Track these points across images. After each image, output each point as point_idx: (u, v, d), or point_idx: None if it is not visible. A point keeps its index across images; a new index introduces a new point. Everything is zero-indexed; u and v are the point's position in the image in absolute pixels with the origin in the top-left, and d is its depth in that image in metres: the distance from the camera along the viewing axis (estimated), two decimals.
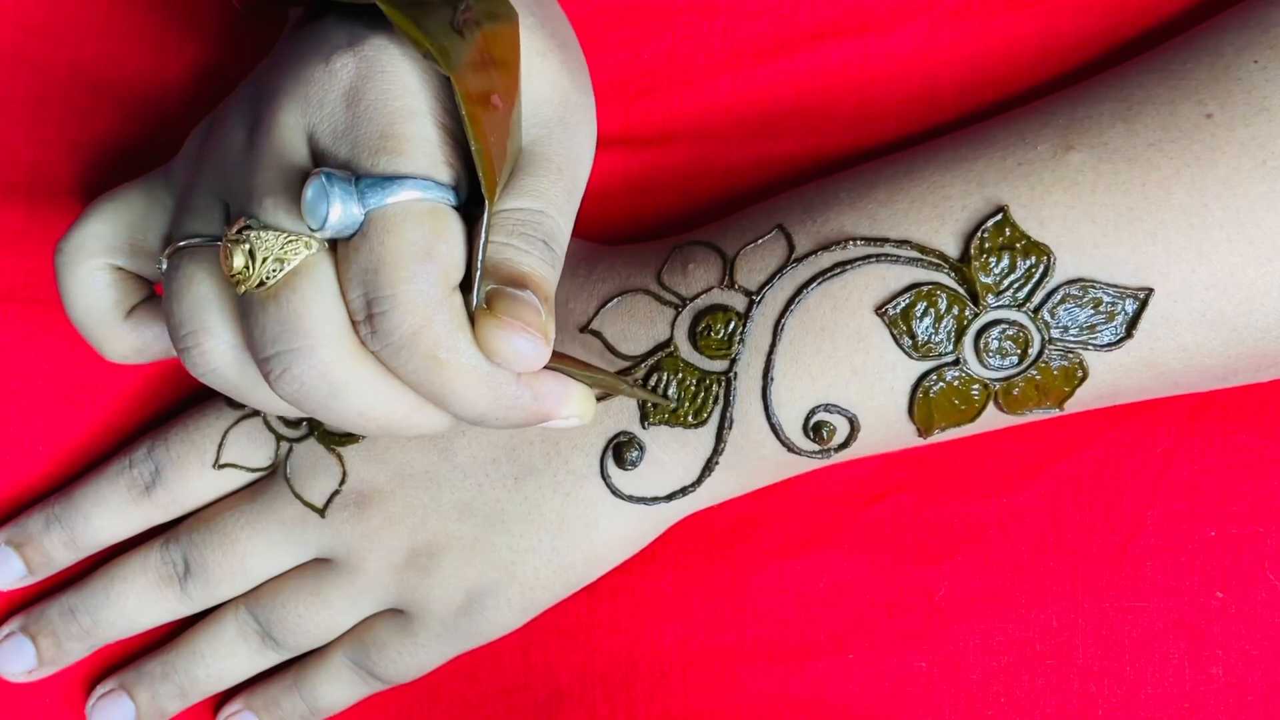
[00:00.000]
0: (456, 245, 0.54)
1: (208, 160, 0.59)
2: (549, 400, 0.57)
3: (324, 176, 0.52)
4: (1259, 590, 0.69)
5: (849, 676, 0.70)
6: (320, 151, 0.55)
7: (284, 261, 0.53)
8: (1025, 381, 0.63)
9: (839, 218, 0.64)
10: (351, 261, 0.53)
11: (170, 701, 0.71)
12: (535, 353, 0.54)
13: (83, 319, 0.63)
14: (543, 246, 0.56)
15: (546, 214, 0.57)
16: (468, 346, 0.54)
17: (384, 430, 0.57)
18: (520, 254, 0.55)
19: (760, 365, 0.64)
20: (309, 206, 0.53)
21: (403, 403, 0.56)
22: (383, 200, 0.53)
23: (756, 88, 0.71)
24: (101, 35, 0.73)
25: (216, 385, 0.58)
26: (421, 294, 0.53)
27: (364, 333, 0.54)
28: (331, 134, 0.55)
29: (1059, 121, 0.64)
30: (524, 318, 0.54)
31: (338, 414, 0.55)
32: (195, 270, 0.57)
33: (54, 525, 0.70)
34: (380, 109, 0.54)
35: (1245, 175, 0.61)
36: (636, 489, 0.65)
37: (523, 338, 0.53)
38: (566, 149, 0.59)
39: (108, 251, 0.63)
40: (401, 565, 0.67)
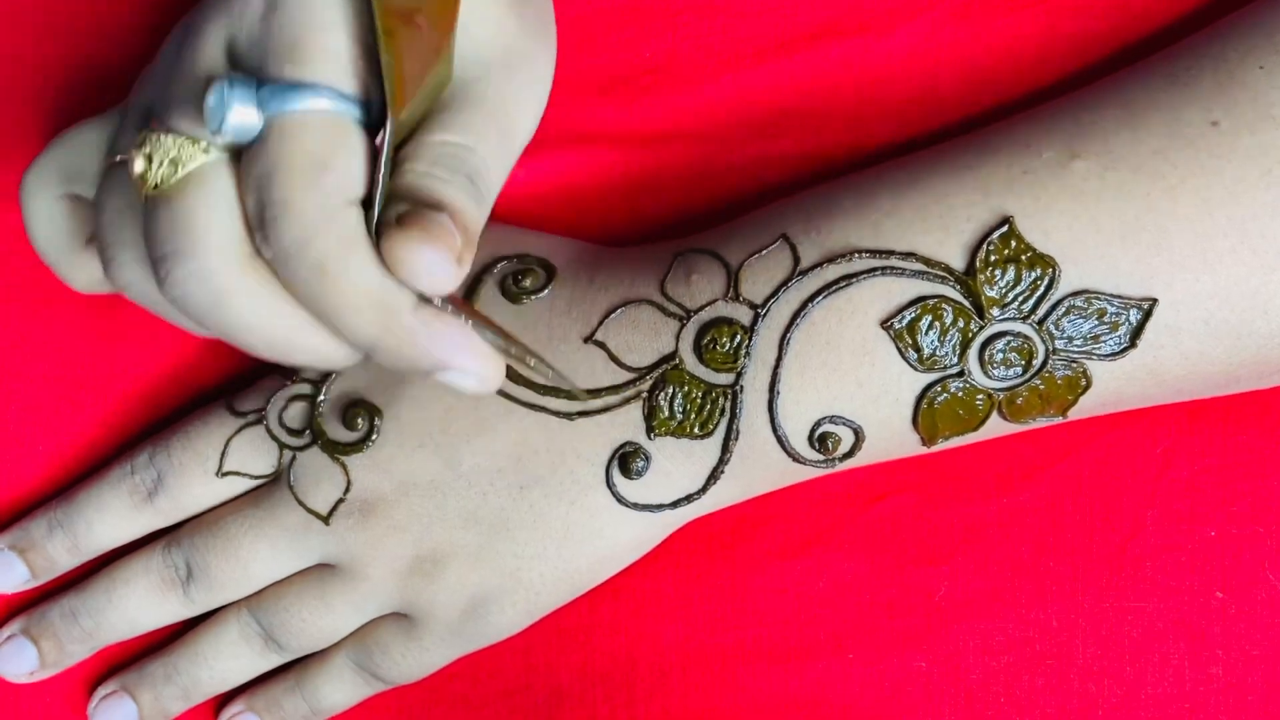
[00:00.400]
0: (356, 158, 0.53)
1: (145, 79, 0.59)
2: (446, 343, 0.54)
3: (226, 81, 0.52)
4: (1259, 590, 0.69)
5: (849, 677, 0.70)
6: (237, 60, 0.55)
7: (179, 164, 0.53)
8: (1029, 391, 0.63)
9: (843, 228, 0.64)
10: (249, 167, 0.53)
11: (173, 703, 0.71)
12: (444, 270, 0.51)
13: (44, 248, 0.63)
14: (465, 180, 0.55)
15: (474, 150, 0.56)
16: (359, 262, 0.52)
17: (271, 350, 0.55)
18: (440, 182, 0.54)
19: (766, 378, 0.64)
20: (209, 110, 0.52)
21: (290, 320, 0.54)
22: (282, 107, 0.52)
23: (757, 87, 0.71)
24: (101, 35, 0.72)
25: (134, 300, 0.57)
26: (314, 202, 0.52)
27: (257, 239, 0.53)
28: (247, 42, 0.54)
29: (1063, 127, 0.64)
30: (434, 234, 0.52)
31: (223, 324, 0.54)
32: (115, 184, 0.57)
33: (56, 530, 0.70)
34: (295, 19, 0.54)
35: (1250, 184, 0.61)
36: (642, 497, 0.66)
37: (431, 250, 0.51)
38: (504, 93, 0.58)
39: (66, 181, 0.62)
40: (406, 572, 0.67)
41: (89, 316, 0.71)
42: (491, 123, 0.57)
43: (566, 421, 0.65)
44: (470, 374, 0.54)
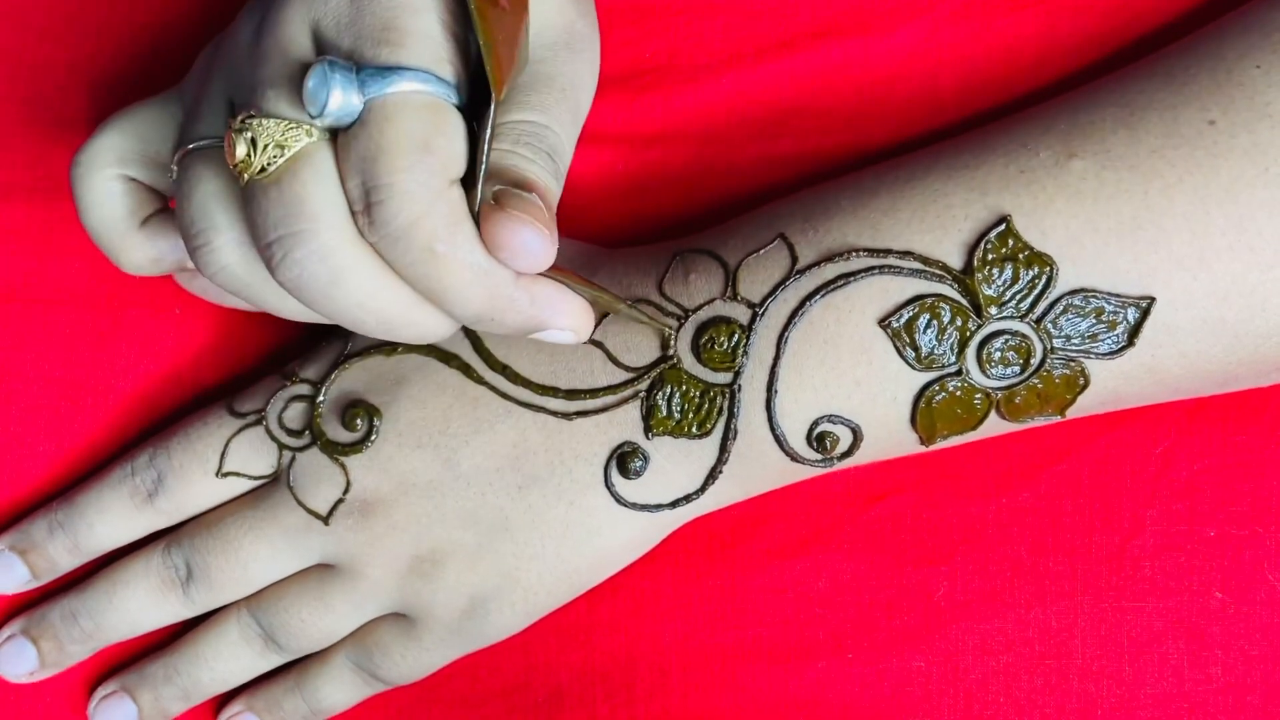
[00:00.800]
0: (456, 139, 0.54)
1: (217, 65, 0.60)
2: (546, 306, 0.57)
3: (326, 64, 0.53)
4: (1258, 590, 0.69)
5: (848, 676, 0.70)
6: (324, 44, 0.56)
7: (284, 148, 0.54)
8: (1027, 390, 0.63)
9: (841, 227, 0.64)
10: (350, 150, 0.54)
11: (173, 703, 0.72)
12: (542, 249, 0.54)
13: (98, 228, 0.64)
14: (546, 157, 0.57)
15: (551, 129, 0.58)
16: (466, 241, 0.54)
17: (381, 326, 0.57)
18: (526, 161, 0.56)
19: (764, 377, 0.64)
20: (310, 94, 0.53)
21: (402, 297, 0.56)
22: (382, 90, 0.54)
23: (757, 87, 0.71)
24: (101, 35, 0.72)
25: (227, 285, 0.58)
26: (419, 184, 0.53)
27: (362, 223, 0.54)
28: (335, 26, 0.55)
29: (1061, 127, 0.64)
30: (531, 214, 0.54)
31: (338, 303, 0.56)
32: (203, 169, 0.57)
33: (57, 531, 0.70)
34: (384, 2, 0.55)
35: (1248, 183, 0.61)
36: (640, 497, 0.66)
37: (530, 230, 0.54)
38: (571, 72, 0.60)
39: (121, 162, 0.63)
40: (405, 572, 0.67)
41: (89, 317, 0.72)
42: (564, 100, 0.59)
43: (565, 421, 0.65)
44: (567, 329, 0.58)
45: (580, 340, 0.60)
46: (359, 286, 0.55)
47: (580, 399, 0.65)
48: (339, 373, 0.67)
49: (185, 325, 0.72)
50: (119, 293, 0.71)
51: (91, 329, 0.72)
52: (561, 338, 0.59)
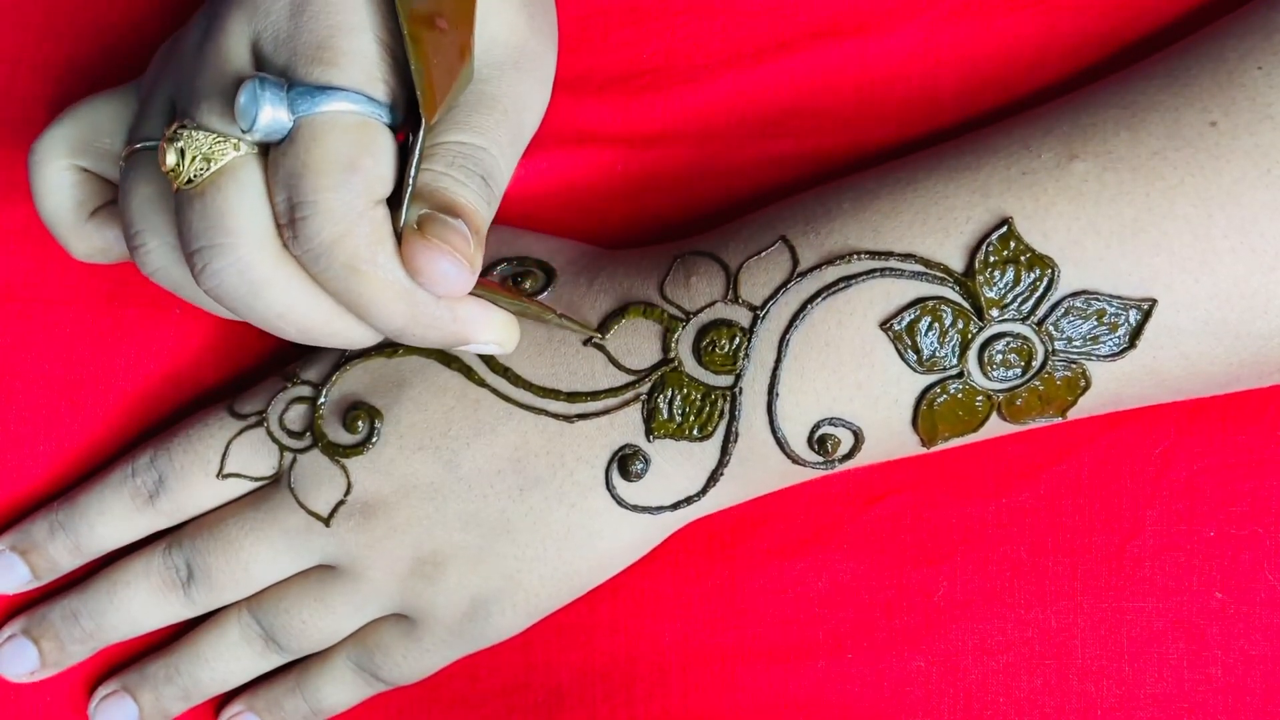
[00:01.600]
0: (384, 160, 0.55)
1: (167, 67, 0.61)
2: (468, 323, 0.58)
3: (257, 81, 0.54)
4: (1258, 590, 0.69)
5: (848, 676, 0.70)
6: (261, 58, 0.56)
7: (211, 160, 0.55)
8: (1028, 392, 0.63)
9: (843, 230, 0.64)
10: (278, 166, 0.55)
11: (173, 703, 0.72)
12: (459, 277, 0.55)
13: (49, 217, 0.65)
14: (480, 181, 0.58)
15: (488, 151, 0.58)
16: (387, 260, 0.55)
17: (304, 335, 0.58)
18: (457, 184, 0.57)
19: (765, 380, 0.64)
20: (241, 109, 0.54)
21: (323, 309, 0.57)
22: (312, 109, 0.54)
23: (756, 87, 0.71)
24: (101, 35, 0.72)
25: (163, 284, 0.60)
26: (343, 203, 0.54)
27: (286, 237, 0.55)
28: (273, 41, 0.56)
29: (1062, 129, 0.64)
30: (452, 242, 0.55)
31: (258, 313, 0.57)
32: (143, 171, 0.59)
33: (58, 532, 0.70)
34: (321, 20, 0.56)
35: (1250, 184, 0.61)
36: (641, 499, 0.66)
37: (448, 260, 0.55)
38: (515, 93, 0.60)
39: (74, 153, 0.64)
40: (406, 574, 0.67)
41: (89, 317, 0.72)
42: (505, 122, 0.59)
43: (566, 424, 0.65)
44: (490, 343, 0.59)
45: (506, 351, 0.61)
46: (278, 298, 0.56)
47: (582, 401, 0.65)
48: (340, 374, 0.67)
49: (185, 325, 0.72)
50: (119, 293, 0.71)
51: (91, 329, 0.72)
52: (485, 350, 0.60)
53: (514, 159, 0.60)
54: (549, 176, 0.71)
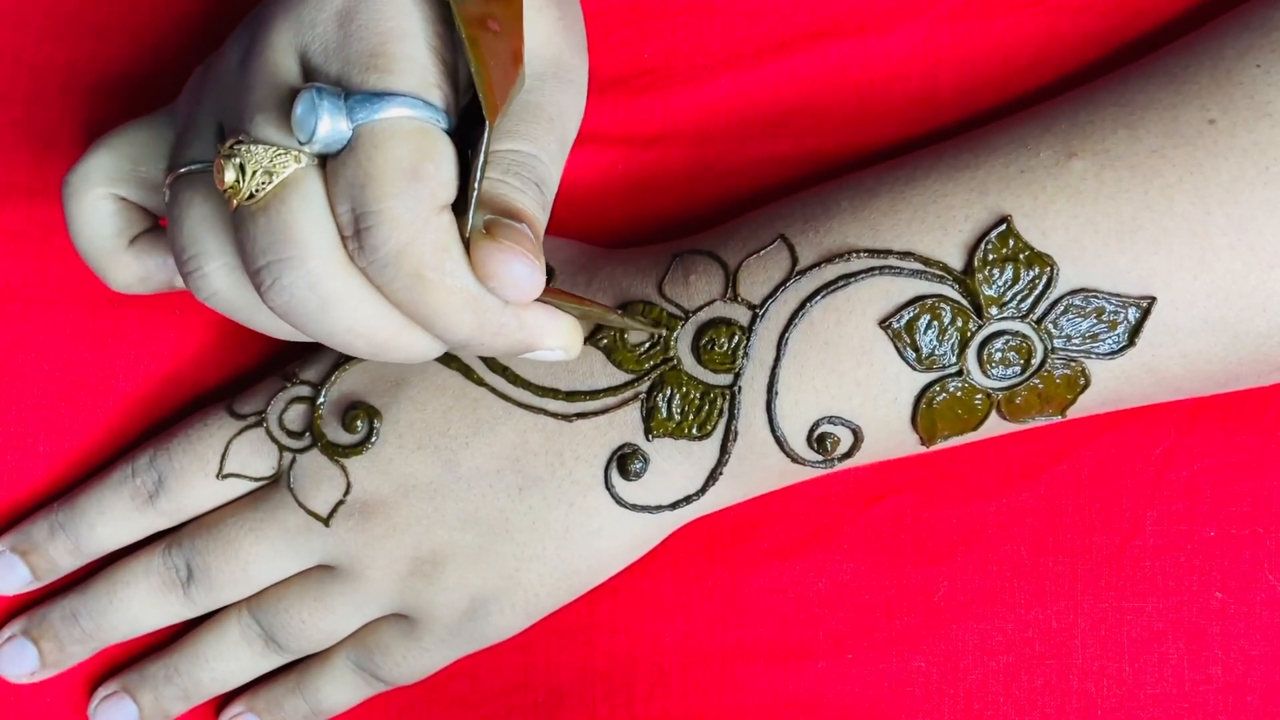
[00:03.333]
0: (446, 165, 0.54)
1: (206, 88, 0.60)
2: (535, 329, 0.57)
3: (314, 91, 0.53)
4: (1258, 590, 0.69)
5: (848, 677, 0.70)
6: (311, 70, 0.56)
7: (273, 174, 0.54)
8: (1028, 390, 0.63)
9: (842, 228, 0.64)
10: (340, 176, 0.54)
11: (173, 704, 0.72)
12: (531, 279, 0.54)
13: (87, 247, 0.64)
14: (535, 188, 0.57)
15: (539, 159, 0.58)
16: (455, 267, 0.54)
17: (372, 349, 0.57)
18: (516, 191, 0.56)
19: (764, 379, 0.64)
20: (298, 120, 0.53)
21: (391, 321, 0.56)
22: (371, 116, 0.54)
23: (756, 87, 0.71)
24: (101, 35, 0.73)
25: (220, 308, 0.58)
26: (408, 210, 0.53)
27: (351, 248, 0.54)
28: (323, 52, 0.55)
29: (1061, 127, 0.64)
30: (522, 245, 0.54)
31: (327, 328, 0.56)
32: (194, 194, 0.57)
33: (58, 532, 0.70)
34: (371, 28, 0.55)
35: (1248, 182, 0.61)
36: (640, 498, 0.66)
37: (521, 262, 0.54)
38: (558, 102, 0.60)
39: (111, 182, 0.63)
40: (406, 573, 0.67)
41: (90, 317, 0.72)
42: (551, 131, 0.59)
43: (565, 423, 0.65)
44: (557, 349, 0.58)
45: (571, 357, 0.59)
46: (348, 312, 0.55)
47: (580, 400, 0.65)
48: (339, 374, 0.67)
49: (185, 326, 0.72)
50: (118, 295, 0.71)
51: (92, 329, 0.72)
52: (551, 356, 0.59)
53: (561, 167, 0.60)
54: None
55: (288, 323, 0.56)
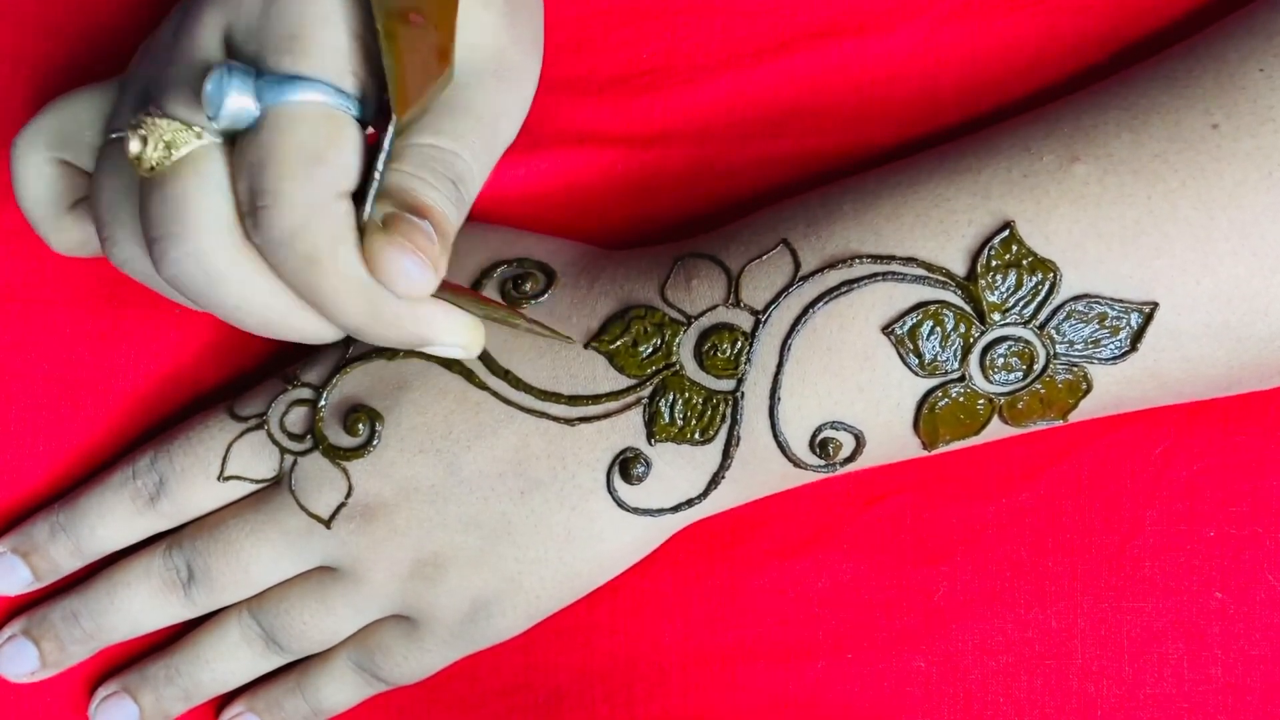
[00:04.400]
0: (350, 153, 0.54)
1: (143, 59, 0.61)
2: (429, 324, 0.57)
3: (225, 68, 0.54)
4: (1258, 591, 0.69)
5: (848, 677, 0.70)
6: (233, 48, 0.56)
7: (172, 148, 0.55)
8: (1030, 395, 0.63)
9: (844, 233, 0.64)
10: (243, 154, 0.54)
11: (174, 704, 0.72)
12: (421, 278, 0.54)
13: (30, 209, 0.65)
14: (450, 185, 0.57)
15: (460, 156, 0.58)
16: (348, 254, 0.54)
17: (262, 327, 0.57)
18: (426, 186, 0.56)
19: (767, 385, 0.64)
20: (207, 96, 0.54)
21: (281, 302, 0.56)
22: (279, 98, 0.54)
23: (757, 87, 0.71)
24: (100, 33, 0.72)
25: (134, 275, 0.59)
26: (305, 194, 0.53)
27: (248, 225, 0.54)
28: (245, 31, 0.56)
29: (1064, 130, 0.64)
30: (416, 242, 0.54)
31: (216, 303, 0.56)
32: (115, 162, 0.59)
33: (59, 534, 0.70)
34: (293, 11, 0.55)
35: (1251, 187, 0.61)
36: (642, 501, 0.66)
37: (411, 260, 0.54)
38: (492, 102, 0.60)
39: (55, 145, 0.64)
40: (407, 575, 0.67)
41: (89, 317, 0.72)
42: (479, 129, 0.59)
43: (567, 427, 0.65)
44: (453, 346, 0.58)
45: (470, 355, 0.59)
46: (236, 290, 0.56)
47: (583, 405, 0.65)
48: (340, 377, 0.67)
49: (185, 325, 0.72)
50: (119, 293, 0.71)
51: (91, 329, 0.72)
52: (449, 352, 0.59)
53: (488, 167, 0.60)
54: (549, 176, 0.71)
55: (181, 295, 0.57)
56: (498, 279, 0.67)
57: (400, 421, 0.66)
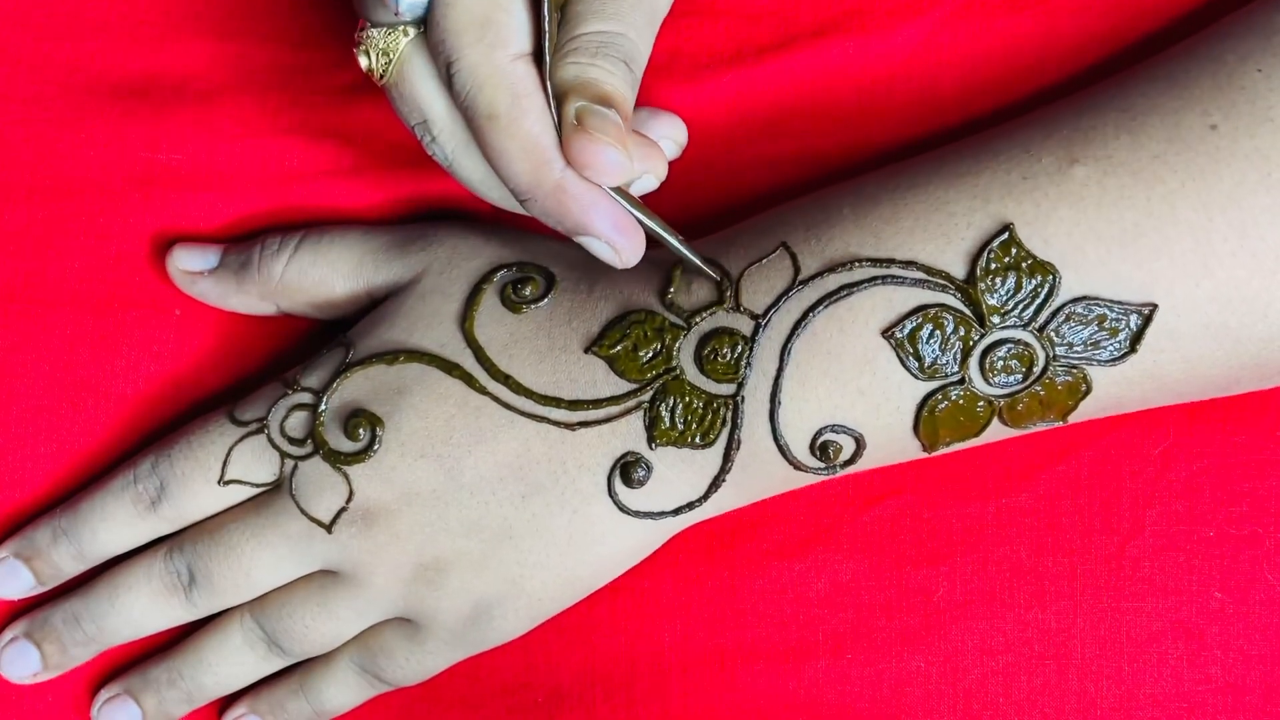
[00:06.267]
0: (515, 14, 0.59)
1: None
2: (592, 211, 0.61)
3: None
4: (1257, 591, 0.69)
5: (848, 677, 0.70)
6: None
7: (389, 53, 0.61)
8: (1029, 397, 0.63)
9: (844, 236, 0.64)
10: (431, 35, 0.60)
11: (176, 706, 0.72)
12: (622, 163, 0.59)
13: None
14: (624, 68, 0.60)
15: (626, 37, 0.60)
16: (523, 113, 0.59)
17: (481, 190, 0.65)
18: (606, 74, 0.60)
19: (767, 389, 0.64)
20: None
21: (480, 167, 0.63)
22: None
23: (757, 87, 0.71)
24: (100, 31, 0.72)
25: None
26: (479, 55, 0.58)
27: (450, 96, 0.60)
28: None
29: (1062, 132, 0.64)
30: (610, 133, 0.58)
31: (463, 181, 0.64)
32: None
33: (61, 539, 0.70)
34: None
35: (1250, 188, 0.61)
36: (643, 504, 0.66)
37: (611, 151, 0.59)
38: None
39: None
40: (409, 579, 0.67)
41: (89, 318, 0.72)
42: (640, 7, 0.61)
43: (568, 431, 0.65)
44: (608, 245, 0.61)
45: (623, 265, 0.62)
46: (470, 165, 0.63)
47: (583, 409, 0.65)
48: (341, 382, 0.67)
49: (186, 326, 0.72)
50: (119, 294, 0.72)
51: (92, 330, 0.72)
52: (603, 252, 0.62)
53: (651, 40, 0.62)
54: None
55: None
56: (498, 283, 0.67)
57: (401, 426, 0.66)
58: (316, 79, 0.72)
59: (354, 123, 0.72)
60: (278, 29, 0.72)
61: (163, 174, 0.71)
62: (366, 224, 0.71)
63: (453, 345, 0.66)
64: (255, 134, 0.72)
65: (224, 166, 0.72)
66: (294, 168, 0.72)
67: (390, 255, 0.70)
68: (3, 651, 0.72)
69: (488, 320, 0.67)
